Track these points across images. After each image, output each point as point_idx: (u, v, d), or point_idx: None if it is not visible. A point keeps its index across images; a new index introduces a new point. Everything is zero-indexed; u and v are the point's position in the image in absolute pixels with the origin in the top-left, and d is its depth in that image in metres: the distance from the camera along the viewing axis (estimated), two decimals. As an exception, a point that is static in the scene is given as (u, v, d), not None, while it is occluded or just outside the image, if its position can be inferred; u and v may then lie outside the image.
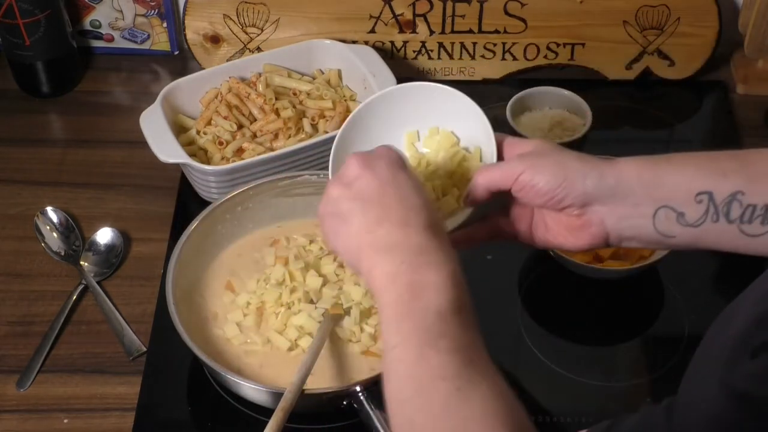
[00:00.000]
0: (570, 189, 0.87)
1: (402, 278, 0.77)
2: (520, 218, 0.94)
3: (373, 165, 0.83)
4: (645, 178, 0.87)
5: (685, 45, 1.39)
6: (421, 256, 0.78)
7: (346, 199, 0.83)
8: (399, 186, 0.83)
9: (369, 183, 0.82)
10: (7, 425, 1.05)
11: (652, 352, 1.13)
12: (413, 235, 0.79)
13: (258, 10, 1.37)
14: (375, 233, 0.80)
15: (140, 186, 1.28)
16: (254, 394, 1.01)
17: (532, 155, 0.90)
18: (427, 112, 0.97)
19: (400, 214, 0.81)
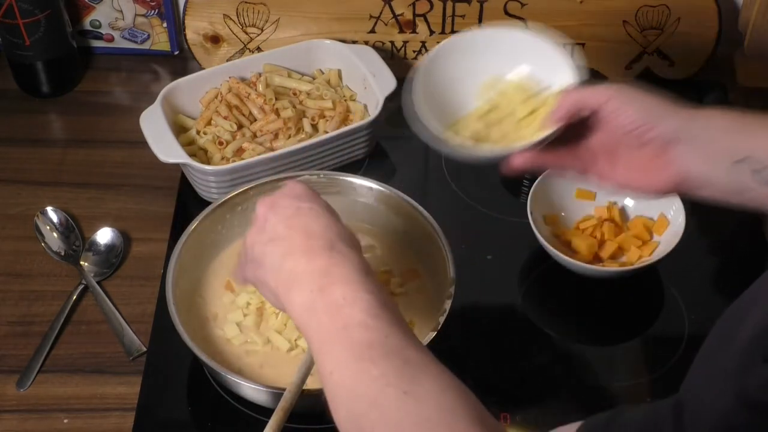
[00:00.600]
0: (659, 121, 0.86)
1: (316, 305, 0.78)
2: (595, 151, 0.91)
3: (276, 205, 0.86)
4: (734, 128, 0.86)
5: (685, 45, 1.38)
6: (326, 277, 0.80)
7: (259, 244, 0.86)
8: (301, 217, 0.85)
9: (275, 223, 0.85)
10: (7, 425, 1.05)
11: (652, 352, 1.14)
12: (316, 259, 0.81)
13: (258, 10, 1.37)
14: (282, 270, 0.82)
15: (140, 186, 1.28)
16: (254, 394, 1.01)
17: (621, 86, 0.88)
18: (509, 56, 1.00)
19: (304, 245, 0.83)
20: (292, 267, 0.82)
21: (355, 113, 1.29)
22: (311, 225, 0.84)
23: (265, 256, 0.84)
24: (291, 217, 0.85)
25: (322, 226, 0.84)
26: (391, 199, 1.15)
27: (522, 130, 0.98)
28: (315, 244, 0.83)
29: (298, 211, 0.86)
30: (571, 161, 0.94)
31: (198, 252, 1.12)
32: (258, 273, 0.86)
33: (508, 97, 1.01)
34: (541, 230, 1.15)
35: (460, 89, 1.03)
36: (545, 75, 0.99)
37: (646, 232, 1.18)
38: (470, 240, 1.21)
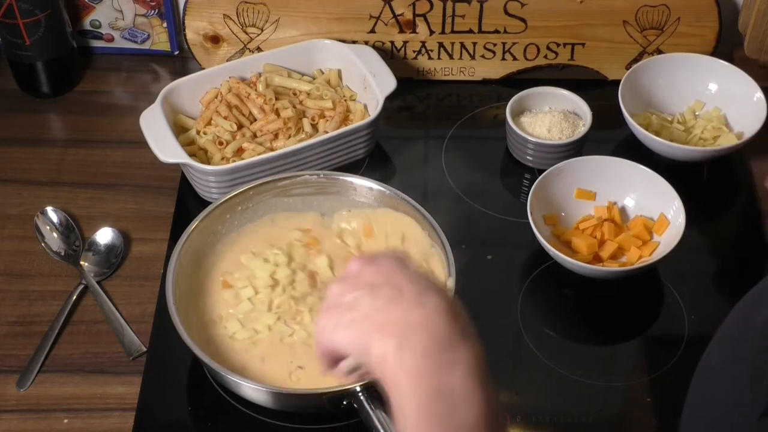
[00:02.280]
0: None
1: (426, 381, 0.71)
2: None
3: (375, 260, 0.80)
4: None
5: (685, 45, 1.38)
6: (445, 350, 0.72)
7: (349, 290, 0.78)
8: (407, 272, 0.78)
9: (374, 273, 0.78)
10: (7, 425, 1.05)
11: (652, 352, 1.13)
12: (432, 317, 0.74)
13: (258, 10, 1.37)
14: (387, 313, 0.74)
15: (140, 186, 1.28)
16: (254, 394, 1.01)
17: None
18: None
19: (413, 293, 0.75)
20: (400, 313, 0.74)
21: (355, 113, 1.29)
22: (421, 279, 0.77)
23: (360, 301, 0.76)
24: (394, 271, 0.78)
25: (432, 283, 0.77)
26: (391, 199, 1.15)
27: None
28: (428, 298, 0.75)
29: (402, 266, 0.79)
30: None
31: (198, 252, 1.12)
32: (343, 317, 0.76)
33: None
34: (541, 230, 1.15)
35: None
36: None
37: (646, 232, 1.18)
38: (470, 240, 1.21)
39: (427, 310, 0.74)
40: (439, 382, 0.71)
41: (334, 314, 0.78)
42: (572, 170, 1.21)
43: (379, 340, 0.73)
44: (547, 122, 1.29)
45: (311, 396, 0.99)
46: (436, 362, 0.72)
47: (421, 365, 0.71)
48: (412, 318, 0.74)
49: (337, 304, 0.78)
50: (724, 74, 1.32)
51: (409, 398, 0.71)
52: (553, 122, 1.28)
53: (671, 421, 1.06)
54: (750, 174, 1.30)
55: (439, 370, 0.72)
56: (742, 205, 1.29)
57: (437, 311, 0.74)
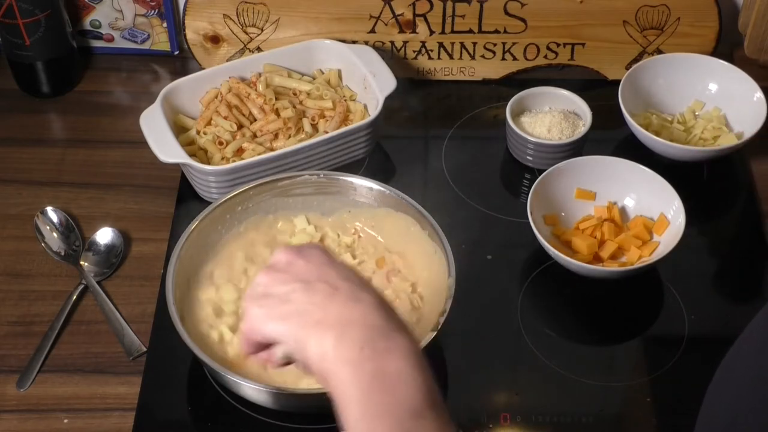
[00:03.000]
0: None
1: (365, 367, 0.72)
2: None
3: (304, 252, 0.80)
4: None
5: (685, 45, 1.38)
6: (382, 340, 0.74)
7: (280, 282, 0.78)
8: (337, 267, 0.79)
9: (305, 266, 0.79)
10: (7, 425, 1.05)
11: (652, 352, 1.13)
12: (368, 313, 0.75)
13: (258, 10, 1.37)
14: (324, 309, 0.75)
15: (140, 186, 1.28)
16: (254, 394, 1.01)
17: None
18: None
19: (348, 290, 0.77)
20: (338, 310, 0.75)
21: (355, 113, 1.29)
22: (353, 276, 0.78)
23: (295, 294, 0.77)
24: (325, 265, 0.79)
25: (363, 280, 0.79)
26: (391, 199, 1.15)
27: None
28: (362, 295, 0.76)
29: (332, 262, 0.80)
30: None
31: (198, 252, 1.12)
32: (276, 309, 0.77)
33: None
34: (541, 230, 1.15)
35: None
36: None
37: (646, 232, 1.18)
38: (470, 240, 1.21)
39: (363, 306, 0.76)
40: (377, 366, 0.73)
41: (267, 304, 0.78)
42: (572, 170, 1.21)
43: (317, 336, 0.75)
44: (547, 122, 1.29)
45: (311, 396, 0.99)
46: (373, 350, 0.73)
47: (359, 354, 0.73)
48: (349, 314, 0.75)
49: (268, 294, 0.79)
50: (724, 74, 1.32)
51: (350, 386, 0.72)
52: (553, 122, 1.28)
53: (671, 421, 1.06)
54: (750, 174, 1.30)
55: (377, 356, 0.73)
56: (742, 205, 1.29)
57: (373, 307, 0.76)
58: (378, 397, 0.72)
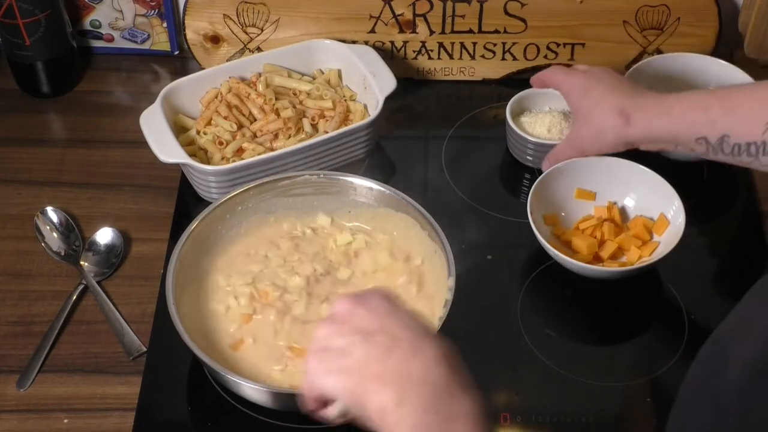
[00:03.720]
0: (618, 149, 1.15)
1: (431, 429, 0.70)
2: None
3: (365, 301, 0.78)
4: (655, 135, 1.11)
5: (685, 45, 1.38)
6: (445, 402, 0.71)
7: (340, 334, 0.76)
8: (400, 316, 0.77)
9: (366, 315, 0.77)
10: (7, 425, 1.05)
11: (652, 352, 1.13)
12: (431, 367, 0.73)
13: (258, 10, 1.37)
14: (384, 363, 0.73)
15: (140, 186, 1.28)
16: (254, 394, 1.01)
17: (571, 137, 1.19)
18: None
19: (409, 342, 0.74)
20: (398, 363, 0.73)
21: (355, 113, 1.29)
22: (415, 326, 0.76)
23: (354, 348, 0.74)
24: (387, 315, 0.76)
25: (426, 331, 0.76)
26: (391, 199, 1.15)
27: None
28: (425, 347, 0.74)
29: (394, 310, 0.78)
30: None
31: (198, 252, 1.12)
32: (335, 363, 0.75)
33: None
34: (541, 230, 1.15)
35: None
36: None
37: (646, 232, 1.18)
38: (470, 240, 1.21)
39: (425, 361, 0.74)
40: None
41: (326, 358, 0.76)
42: (572, 170, 1.21)
43: (376, 392, 0.73)
44: (547, 122, 1.29)
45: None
46: (436, 415, 0.71)
47: (422, 419, 0.71)
48: (411, 369, 0.73)
49: (327, 347, 0.77)
50: (725, 74, 1.32)
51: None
52: (553, 122, 1.28)
53: (671, 421, 1.06)
54: (750, 174, 1.29)
55: (441, 421, 0.71)
56: (742, 205, 1.29)
57: (435, 362, 0.74)
58: None
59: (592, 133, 1.14)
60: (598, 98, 1.14)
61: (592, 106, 1.14)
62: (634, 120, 1.11)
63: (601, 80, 1.16)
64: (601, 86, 1.15)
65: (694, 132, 1.07)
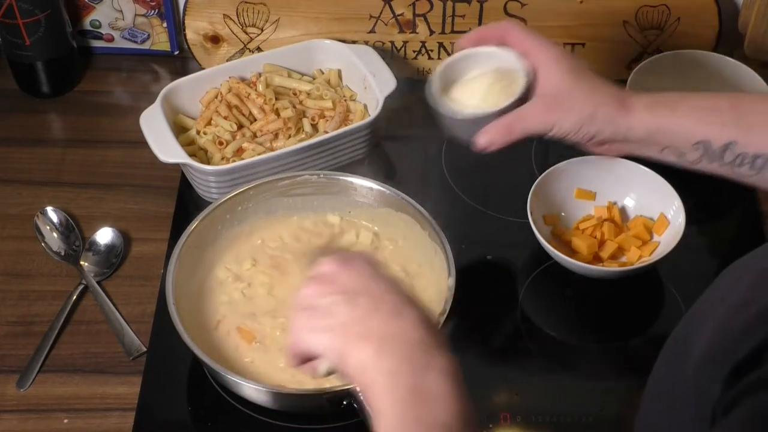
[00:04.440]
0: (595, 129, 1.02)
1: (403, 380, 0.73)
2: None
3: (350, 263, 0.81)
4: (652, 129, 1.02)
5: (685, 45, 1.38)
6: (421, 356, 0.75)
7: (325, 293, 0.79)
8: (383, 280, 0.80)
9: (350, 277, 0.79)
10: (7, 425, 1.05)
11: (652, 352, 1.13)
12: (410, 329, 0.76)
13: (258, 10, 1.37)
14: (366, 323, 0.76)
15: (140, 186, 1.28)
16: (254, 394, 1.01)
17: (553, 106, 1.03)
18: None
19: (391, 304, 0.77)
20: (379, 325, 0.76)
21: (355, 113, 1.29)
22: (396, 290, 0.79)
23: (338, 307, 0.77)
24: (370, 277, 0.79)
25: (406, 296, 0.79)
26: (391, 199, 1.15)
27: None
28: (404, 311, 0.77)
29: (377, 273, 0.80)
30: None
31: (198, 252, 1.12)
32: (319, 322, 0.78)
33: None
34: (541, 230, 1.15)
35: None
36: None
37: (646, 232, 1.18)
38: (470, 240, 1.21)
39: (405, 322, 0.77)
40: (414, 381, 0.73)
41: (311, 316, 0.79)
42: (572, 170, 1.21)
43: (358, 349, 0.75)
44: (478, 90, 1.08)
45: (311, 396, 0.99)
46: (411, 364, 0.74)
47: (398, 366, 0.74)
48: (391, 329, 0.76)
49: (312, 305, 0.79)
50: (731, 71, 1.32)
51: (386, 397, 0.73)
52: (486, 88, 1.08)
53: (671, 421, 1.06)
54: (750, 174, 1.29)
55: (415, 370, 0.74)
56: (742, 205, 1.29)
57: (414, 323, 0.77)
58: (413, 412, 0.73)
59: (578, 118, 1.02)
60: (593, 79, 1.03)
61: (585, 87, 1.02)
62: (636, 109, 1.02)
63: (583, 62, 1.05)
64: (590, 70, 1.04)
65: (697, 133, 0.99)
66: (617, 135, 1.03)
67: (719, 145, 0.98)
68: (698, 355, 0.70)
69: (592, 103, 1.02)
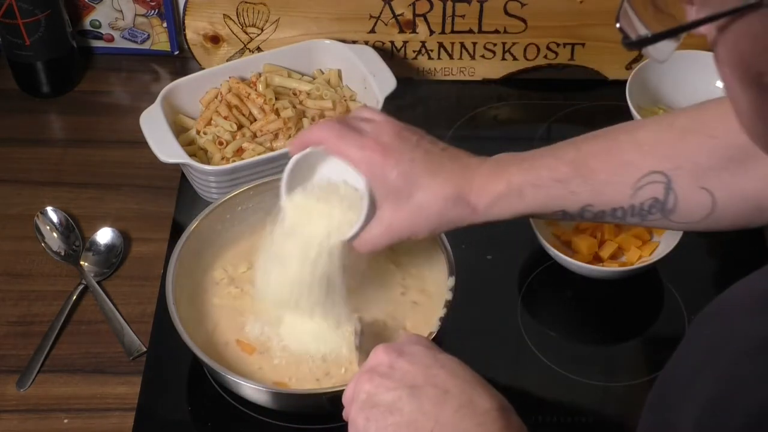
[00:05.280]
0: (444, 229, 0.94)
1: None
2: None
3: (406, 351, 0.75)
4: (506, 216, 0.92)
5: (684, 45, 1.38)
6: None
7: (385, 389, 0.73)
8: (445, 365, 0.74)
9: (410, 368, 0.74)
10: (7, 425, 1.05)
11: (652, 352, 1.13)
12: (487, 423, 0.71)
13: (258, 10, 1.37)
14: (437, 418, 0.70)
15: (140, 186, 1.28)
16: (254, 394, 1.01)
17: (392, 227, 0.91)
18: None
19: (462, 393, 0.72)
20: (452, 418, 0.70)
21: (355, 113, 1.29)
22: (463, 375, 0.74)
23: (403, 404, 0.72)
24: (431, 366, 0.74)
25: (475, 379, 0.74)
26: (391, 199, 1.14)
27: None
28: (477, 398, 0.72)
29: (438, 359, 0.75)
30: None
31: (198, 252, 1.12)
32: (385, 421, 0.72)
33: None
34: (541, 230, 1.15)
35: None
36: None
37: (646, 232, 1.18)
38: (470, 240, 1.21)
39: (479, 416, 0.71)
40: None
41: (374, 415, 0.73)
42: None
43: None
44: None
45: (311, 396, 0.99)
46: None
47: None
48: (464, 424, 0.71)
49: (373, 403, 0.74)
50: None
51: None
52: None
53: (671, 421, 1.06)
54: (750, 174, 1.29)
55: None
56: (742, 205, 1.28)
57: (489, 417, 0.72)
58: None
59: (427, 230, 0.92)
60: (421, 185, 0.90)
61: (415, 202, 0.90)
62: (480, 209, 0.92)
63: (408, 151, 0.91)
64: (417, 165, 0.90)
65: (551, 206, 0.91)
66: (473, 222, 0.94)
67: (576, 209, 0.91)
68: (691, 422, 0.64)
69: (432, 218, 0.91)
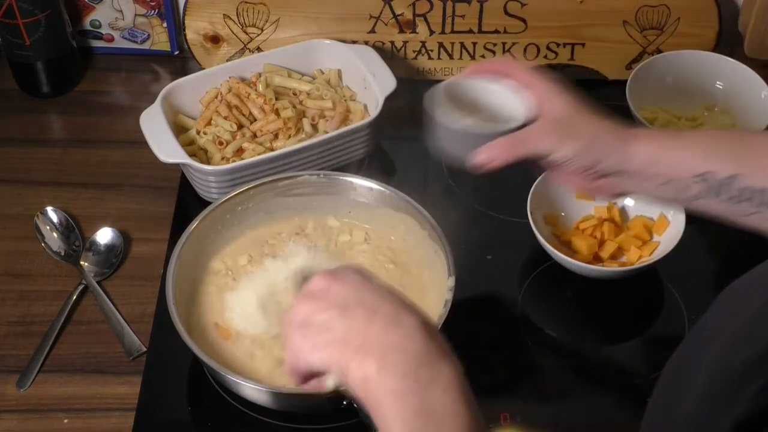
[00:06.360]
0: (600, 160, 0.98)
1: (409, 399, 0.72)
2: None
3: (341, 276, 0.80)
4: (653, 158, 0.97)
5: (685, 45, 1.38)
6: (425, 370, 0.73)
7: (319, 309, 0.78)
8: (376, 289, 0.79)
9: (342, 290, 0.79)
10: (7, 425, 1.05)
11: (652, 352, 1.14)
12: (410, 337, 0.75)
13: (258, 10, 1.37)
14: (365, 335, 0.75)
15: (140, 186, 1.29)
16: (254, 394, 1.01)
17: (555, 129, 0.99)
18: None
19: (388, 313, 0.76)
20: (378, 335, 0.75)
21: (355, 113, 1.29)
22: (392, 296, 0.78)
23: (334, 322, 0.76)
24: (363, 288, 0.79)
25: (403, 300, 0.78)
26: (391, 199, 1.15)
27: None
28: (403, 317, 0.76)
29: (369, 282, 0.79)
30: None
31: (198, 252, 1.12)
32: (317, 338, 0.77)
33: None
34: (541, 230, 1.15)
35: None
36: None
37: (646, 232, 1.18)
38: (470, 240, 1.21)
39: (404, 330, 0.76)
40: (420, 399, 0.72)
41: (308, 333, 0.78)
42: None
43: (359, 362, 0.74)
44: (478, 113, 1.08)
45: (311, 396, 0.99)
46: (416, 381, 0.73)
47: (403, 385, 0.73)
48: (390, 338, 0.75)
49: (308, 323, 0.78)
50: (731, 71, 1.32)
51: (393, 418, 0.72)
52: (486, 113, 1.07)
53: (671, 421, 1.06)
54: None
55: (420, 388, 0.73)
56: (742, 205, 1.28)
57: (414, 331, 0.76)
58: (420, 430, 0.72)
59: (579, 143, 0.98)
60: (594, 111, 1.00)
61: (586, 118, 0.99)
62: (637, 139, 0.97)
63: (584, 98, 1.01)
64: (590, 108, 1.00)
65: (700, 164, 0.93)
66: (616, 165, 0.98)
67: (723, 176, 0.92)
68: (691, 402, 0.69)
69: (593, 131, 0.99)
